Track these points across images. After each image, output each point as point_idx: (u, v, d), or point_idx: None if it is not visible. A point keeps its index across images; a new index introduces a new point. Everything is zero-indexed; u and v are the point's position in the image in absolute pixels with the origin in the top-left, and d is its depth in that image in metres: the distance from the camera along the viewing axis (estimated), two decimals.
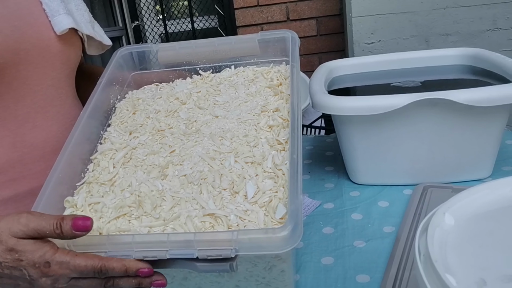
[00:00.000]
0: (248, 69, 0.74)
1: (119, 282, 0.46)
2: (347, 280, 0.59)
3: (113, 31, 2.34)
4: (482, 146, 0.76)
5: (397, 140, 0.76)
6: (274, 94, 0.67)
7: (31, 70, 0.67)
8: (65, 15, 0.71)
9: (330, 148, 1.01)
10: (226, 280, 0.51)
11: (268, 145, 0.58)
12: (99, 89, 0.67)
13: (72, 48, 0.74)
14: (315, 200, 0.80)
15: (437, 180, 0.78)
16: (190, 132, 0.63)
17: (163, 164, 0.58)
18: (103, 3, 2.35)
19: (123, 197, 0.54)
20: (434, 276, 0.32)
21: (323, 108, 0.75)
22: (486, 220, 0.38)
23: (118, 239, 0.47)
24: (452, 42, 1.70)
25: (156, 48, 0.75)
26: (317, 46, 2.25)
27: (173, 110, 0.68)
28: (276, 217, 0.48)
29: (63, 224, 0.44)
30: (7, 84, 0.64)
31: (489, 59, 0.84)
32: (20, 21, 0.65)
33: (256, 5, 2.21)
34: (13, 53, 0.64)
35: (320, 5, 2.19)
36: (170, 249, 0.45)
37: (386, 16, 1.71)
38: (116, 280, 0.46)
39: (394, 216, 0.72)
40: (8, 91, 0.64)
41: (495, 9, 1.66)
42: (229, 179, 0.54)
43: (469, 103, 0.68)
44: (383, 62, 0.94)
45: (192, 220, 0.49)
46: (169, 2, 2.44)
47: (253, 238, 0.44)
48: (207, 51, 0.74)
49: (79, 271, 0.45)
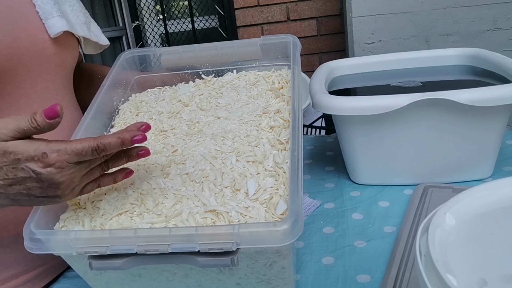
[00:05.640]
0: (249, 73, 0.75)
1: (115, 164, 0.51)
2: (347, 280, 0.60)
3: (113, 31, 2.34)
4: (482, 146, 0.76)
5: (397, 140, 0.76)
6: (276, 96, 0.68)
7: (24, 74, 0.66)
8: (59, 17, 0.70)
9: (330, 148, 1.01)
10: (227, 277, 0.52)
11: (269, 144, 0.58)
12: (103, 91, 0.68)
13: (68, 50, 0.74)
14: (316, 200, 0.80)
15: (437, 180, 0.78)
16: (192, 133, 0.64)
17: (165, 163, 0.58)
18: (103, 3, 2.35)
19: (126, 194, 0.55)
20: (435, 276, 0.32)
21: (323, 108, 0.75)
22: (487, 220, 0.38)
23: (120, 233, 0.47)
24: (452, 42, 1.71)
25: (159, 51, 0.76)
26: (317, 46, 2.26)
27: (175, 112, 0.69)
28: (276, 213, 0.49)
29: (36, 117, 0.46)
30: (0, 89, 0.63)
31: (490, 59, 0.84)
32: (13, 25, 0.64)
33: (256, 5, 2.22)
34: (6, 59, 0.63)
35: (321, 5, 2.19)
36: (172, 243, 0.45)
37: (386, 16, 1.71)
38: (112, 163, 0.51)
39: (395, 216, 0.72)
40: (1, 96, 0.64)
41: (495, 9, 1.66)
42: (230, 177, 0.54)
43: (470, 103, 0.68)
44: (384, 62, 0.95)
45: (194, 217, 0.50)
46: (169, 2, 2.45)
47: (254, 232, 0.44)
48: (209, 55, 0.75)
49: (77, 154, 0.46)
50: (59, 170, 0.46)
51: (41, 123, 0.46)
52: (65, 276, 0.70)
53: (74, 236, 0.47)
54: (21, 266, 0.69)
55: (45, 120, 0.46)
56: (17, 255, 0.68)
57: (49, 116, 0.46)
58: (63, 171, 0.46)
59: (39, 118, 0.46)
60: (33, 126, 0.46)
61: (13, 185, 0.46)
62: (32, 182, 0.46)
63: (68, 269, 0.71)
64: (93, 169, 0.50)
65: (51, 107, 0.46)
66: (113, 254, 0.46)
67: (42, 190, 0.47)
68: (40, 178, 0.46)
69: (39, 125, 0.46)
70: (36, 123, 0.46)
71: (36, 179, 0.46)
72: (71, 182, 0.48)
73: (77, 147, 0.46)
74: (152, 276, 0.52)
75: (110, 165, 0.52)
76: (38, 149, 0.46)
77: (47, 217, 0.52)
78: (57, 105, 0.46)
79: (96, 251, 0.46)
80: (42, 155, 0.45)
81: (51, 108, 0.46)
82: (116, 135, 0.48)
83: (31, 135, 0.47)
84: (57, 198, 0.48)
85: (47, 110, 0.46)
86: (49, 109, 0.46)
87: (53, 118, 0.46)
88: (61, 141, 0.47)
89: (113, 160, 0.52)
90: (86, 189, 0.51)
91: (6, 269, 0.68)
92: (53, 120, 0.46)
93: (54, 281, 0.70)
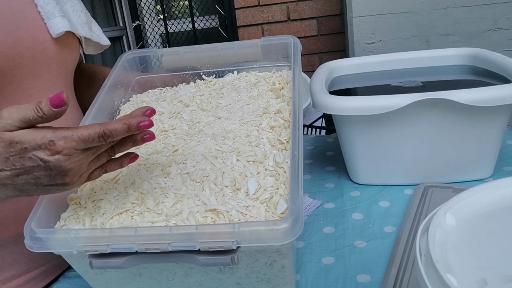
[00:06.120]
0: (250, 74, 0.76)
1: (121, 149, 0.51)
2: (347, 280, 0.60)
3: (113, 31, 2.34)
4: (483, 146, 0.76)
5: (397, 140, 0.76)
6: (276, 97, 0.68)
7: (26, 74, 0.66)
8: (61, 17, 0.70)
9: (330, 148, 1.01)
10: (227, 276, 0.52)
11: (269, 144, 0.59)
12: (104, 91, 0.68)
13: (69, 50, 0.74)
14: (316, 200, 0.80)
15: (438, 180, 0.78)
16: (193, 133, 0.64)
17: (166, 163, 0.59)
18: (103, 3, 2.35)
19: (126, 193, 0.55)
20: (435, 276, 0.32)
21: (323, 108, 0.75)
22: (487, 220, 0.38)
23: (121, 232, 0.47)
24: (452, 42, 1.71)
25: (160, 52, 0.76)
26: (317, 46, 2.26)
27: (176, 112, 0.69)
28: (277, 212, 0.49)
29: (42, 106, 0.45)
30: (2, 89, 0.63)
31: (490, 59, 0.84)
32: (14, 25, 0.64)
33: (257, 5, 2.22)
34: (8, 59, 0.63)
35: (321, 5, 2.19)
36: (172, 242, 0.45)
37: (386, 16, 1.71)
38: (118, 148, 0.51)
39: (395, 216, 0.72)
40: (2, 96, 0.64)
41: (496, 9, 1.66)
42: (231, 177, 0.54)
43: (470, 103, 0.68)
44: (384, 62, 0.95)
45: (194, 216, 0.50)
46: (169, 2, 2.45)
47: (254, 231, 0.44)
48: (210, 56, 0.75)
49: (84, 140, 0.46)
50: (67, 157, 0.45)
51: (47, 112, 0.45)
52: (66, 276, 0.70)
53: (74, 235, 0.47)
54: (22, 266, 0.69)
55: (51, 108, 0.45)
56: (18, 255, 0.68)
57: (55, 104, 0.45)
58: (71, 158, 0.46)
59: (44, 107, 0.45)
60: (39, 115, 0.45)
61: (20, 175, 0.46)
62: (40, 171, 0.46)
63: (68, 269, 0.71)
64: (99, 155, 0.50)
65: (57, 95, 0.45)
66: (114, 252, 0.46)
67: (51, 178, 0.46)
68: (49, 166, 0.45)
69: (45, 114, 0.45)
70: (42, 112, 0.45)
71: (44, 167, 0.46)
72: (79, 169, 0.47)
73: (84, 133, 0.46)
74: (152, 275, 0.53)
75: (116, 150, 0.51)
76: (45, 137, 0.45)
77: (48, 216, 0.52)
78: (63, 93, 0.45)
79: (96, 249, 0.46)
80: (49, 142, 0.45)
81: (57, 96, 0.45)
82: (122, 121, 0.47)
83: (36, 124, 0.47)
84: (65, 185, 0.47)
85: (53, 98, 0.45)
86: (55, 97, 0.45)
87: (59, 106, 0.45)
88: (67, 128, 0.46)
89: (119, 146, 0.51)
90: (93, 175, 0.51)
91: (6, 269, 0.68)
92: (60, 108, 0.46)
93: (55, 281, 0.70)
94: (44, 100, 0.45)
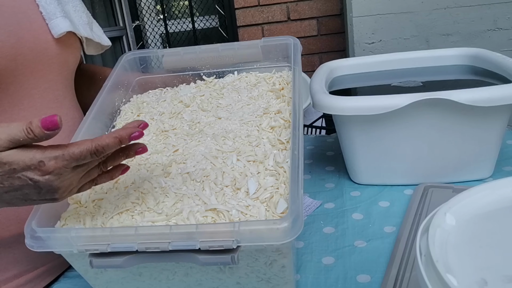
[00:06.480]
0: (250, 75, 0.76)
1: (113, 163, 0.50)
2: (347, 280, 0.60)
3: (113, 31, 2.34)
4: (483, 146, 0.76)
5: (397, 140, 0.76)
6: (276, 97, 0.68)
7: (28, 75, 0.66)
8: (62, 18, 0.70)
9: (330, 148, 1.01)
10: (227, 276, 0.52)
11: (270, 144, 0.59)
12: (104, 91, 0.68)
13: (70, 50, 0.74)
14: (316, 200, 0.80)
15: (438, 180, 0.78)
16: (193, 133, 0.64)
17: (166, 163, 0.59)
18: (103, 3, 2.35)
19: (127, 193, 0.55)
20: (435, 276, 0.32)
21: (323, 108, 0.75)
22: (487, 220, 0.38)
23: (121, 231, 0.47)
24: (452, 42, 1.71)
25: (161, 53, 0.77)
26: (317, 46, 2.26)
27: (177, 112, 0.69)
28: (277, 211, 0.49)
29: (32, 127, 0.43)
30: (4, 89, 0.63)
31: (490, 59, 0.84)
32: (16, 26, 0.64)
33: (257, 5, 2.22)
34: (10, 59, 0.63)
35: (321, 5, 2.19)
36: (172, 241, 0.45)
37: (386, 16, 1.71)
38: (110, 162, 0.50)
39: (395, 216, 0.72)
40: (4, 96, 0.64)
41: (496, 9, 1.66)
42: (231, 177, 0.55)
43: (470, 103, 0.68)
44: (384, 62, 0.95)
45: (194, 215, 0.50)
46: (169, 2, 2.45)
47: (254, 230, 0.44)
48: (210, 57, 0.76)
49: (76, 159, 0.45)
50: (58, 177, 0.45)
51: (38, 134, 0.44)
52: (66, 276, 0.70)
53: (75, 234, 0.47)
54: (22, 266, 0.69)
55: (43, 130, 0.43)
56: (18, 255, 0.68)
57: (47, 128, 0.43)
58: (61, 177, 0.45)
59: (36, 129, 0.43)
60: (29, 137, 0.44)
61: (9, 192, 0.45)
62: (30, 189, 0.45)
63: (69, 269, 0.71)
64: (91, 169, 0.49)
65: (50, 119, 0.43)
66: (114, 252, 0.46)
67: (40, 195, 0.46)
68: (38, 185, 0.45)
69: (36, 136, 0.44)
70: (33, 134, 0.43)
71: (34, 186, 0.45)
72: (69, 185, 0.47)
73: (75, 151, 0.44)
74: (153, 275, 0.53)
75: (108, 164, 0.51)
76: (34, 158, 0.44)
77: (48, 216, 0.52)
78: (56, 116, 0.44)
79: (96, 248, 0.46)
80: (39, 163, 0.44)
81: (50, 119, 0.43)
82: (113, 135, 0.47)
83: (26, 143, 0.45)
84: (54, 200, 0.47)
85: (45, 121, 0.43)
86: (48, 120, 0.43)
87: (51, 129, 0.44)
88: (57, 147, 0.45)
89: (111, 159, 0.51)
90: (83, 188, 0.50)
91: (7, 269, 0.68)
92: (51, 132, 0.44)
93: (55, 281, 0.70)
94: (35, 122, 0.43)
